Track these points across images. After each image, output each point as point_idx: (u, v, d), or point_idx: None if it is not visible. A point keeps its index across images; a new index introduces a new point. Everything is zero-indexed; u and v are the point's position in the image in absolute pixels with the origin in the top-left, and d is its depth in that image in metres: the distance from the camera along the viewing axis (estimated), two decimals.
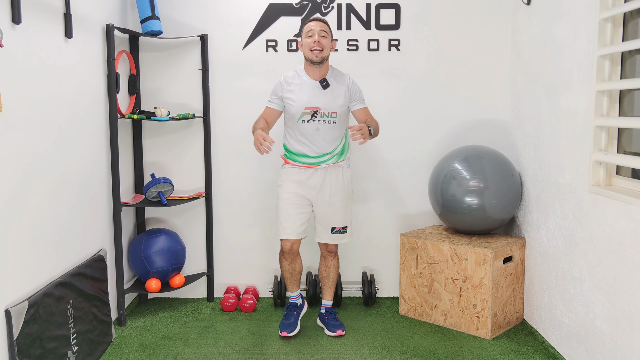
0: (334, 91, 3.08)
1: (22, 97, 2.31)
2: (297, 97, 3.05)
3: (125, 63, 3.53)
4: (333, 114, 3.06)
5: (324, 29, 3.01)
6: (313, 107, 3.04)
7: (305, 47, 3.02)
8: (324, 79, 3.07)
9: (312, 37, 2.98)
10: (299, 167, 3.13)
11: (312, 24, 3.03)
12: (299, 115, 3.05)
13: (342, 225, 3.19)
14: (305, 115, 3.05)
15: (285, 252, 3.18)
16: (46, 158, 2.53)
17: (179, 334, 3.22)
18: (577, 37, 2.71)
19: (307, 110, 3.04)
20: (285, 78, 3.12)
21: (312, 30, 3.00)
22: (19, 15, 2.23)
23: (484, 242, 3.25)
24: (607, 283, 2.43)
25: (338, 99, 3.08)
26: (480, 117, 3.71)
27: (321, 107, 3.05)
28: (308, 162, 3.11)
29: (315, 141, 3.08)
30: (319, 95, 3.06)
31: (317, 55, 2.99)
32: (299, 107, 3.04)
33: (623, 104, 2.52)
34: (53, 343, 2.42)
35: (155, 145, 3.72)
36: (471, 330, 3.22)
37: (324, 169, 3.11)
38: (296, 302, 3.32)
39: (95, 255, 2.98)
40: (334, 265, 3.29)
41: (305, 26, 3.05)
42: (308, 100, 3.04)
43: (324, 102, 3.06)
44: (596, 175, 2.57)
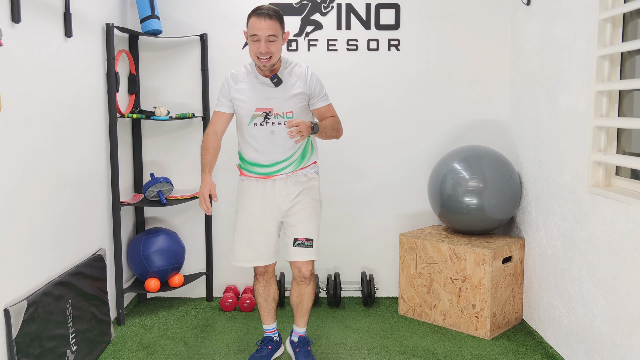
0: (288, 88, 2.63)
1: (22, 96, 2.31)
2: (246, 97, 2.63)
3: (125, 62, 3.52)
4: (288, 113, 2.62)
5: (272, 33, 2.49)
6: (264, 108, 2.62)
7: (250, 51, 2.55)
8: (274, 75, 2.60)
9: (258, 44, 2.50)
10: (256, 180, 2.71)
11: (258, 23, 2.48)
12: (250, 118, 2.63)
13: (305, 237, 2.69)
14: (257, 118, 2.63)
15: (259, 277, 2.82)
16: (45, 157, 2.52)
17: (178, 334, 3.22)
18: (576, 37, 2.71)
19: (258, 112, 2.62)
20: (233, 75, 2.69)
21: (257, 35, 2.49)
22: (18, 14, 2.23)
23: (483, 242, 3.25)
24: (606, 283, 2.43)
25: (293, 96, 2.63)
26: (480, 117, 3.71)
27: (274, 108, 2.62)
28: (264, 172, 2.69)
29: (272, 147, 2.65)
30: (271, 94, 2.62)
31: (264, 65, 2.53)
32: (249, 109, 2.63)
33: (622, 105, 2.52)
34: (52, 342, 2.42)
35: (154, 144, 3.72)
36: (470, 330, 3.22)
37: (283, 179, 2.68)
38: (271, 337, 2.93)
39: (95, 255, 2.98)
40: (308, 294, 2.79)
41: (250, 22, 2.52)
42: (258, 101, 2.62)
43: (277, 101, 2.62)
44: (595, 175, 2.57)
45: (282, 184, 2.69)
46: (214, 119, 2.73)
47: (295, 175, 2.70)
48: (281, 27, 2.55)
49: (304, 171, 2.72)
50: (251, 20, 2.51)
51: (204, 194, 2.58)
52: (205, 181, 2.60)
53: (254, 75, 2.65)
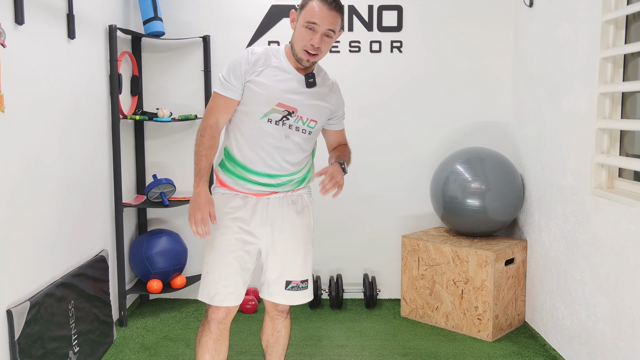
0: (320, 94, 2.16)
1: (25, 97, 2.32)
2: (270, 84, 2.06)
3: (128, 64, 3.53)
4: (312, 122, 2.13)
5: (332, 28, 2.03)
6: (289, 105, 2.08)
7: (298, 38, 2.05)
8: (311, 73, 2.12)
9: (313, 34, 2.02)
10: (242, 197, 2.13)
11: (322, 11, 2.00)
12: (267, 111, 2.07)
13: (301, 279, 2.21)
14: (275, 114, 2.07)
15: (213, 325, 2.12)
16: (48, 158, 2.53)
17: (180, 335, 3.22)
18: (579, 39, 2.71)
19: (280, 107, 2.07)
20: (255, 56, 2.09)
21: (316, 24, 2.01)
22: (22, 16, 2.23)
23: (486, 244, 3.24)
24: (609, 285, 2.43)
25: (322, 106, 2.16)
26: (482, 119, 3.71)
27: (299, 109, 2.10)
28: (257, 184, 2.12)
29: (280, 153, 2.11)
30: (300, 93, 2.11)
31: (308, 60, 2.07)
32: (270, 100, 2.06)
33: (625, 107, 2.52)
34: (54, 343, 2.42)
35: (157, 146, 3.73)
36: (472, 332, 3.21)
37: (278, 199, 2.16)
38: None
39: (97, 256, 2.98)
40: (285, 329, 2.32)
41: (309, 5, 2.03)
42: (284, 94, 2.07)
43: (305, 104, 2.11)
44: (598, 177, 2.56)
45: (276, 204, 2.16)
46: (218, 106, 2.09)
47: (293, 195, 2.20)
48: (341, 24, 2.10)
49: (301, 192, 2.23)
50: (314, 3, 2.01)
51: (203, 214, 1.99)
52: (201, 195, 2.00)
53: (283, 63, 2.11)
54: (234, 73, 2.08)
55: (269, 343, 2.34)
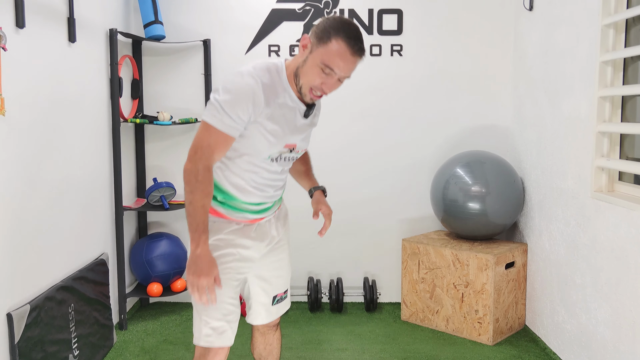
0: (312, 120, 1.97)
1: (26, 100, 2.32)
2: (280, 126, 1.82)
3: (128, 67, 3.54)
4: (302, 150, 1.99)
5: (349, 75, 1.79)
6: (291, 144, 1.91)
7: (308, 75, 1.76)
8: (313, 103, 1.90)
9: (328, 79, 1.76)
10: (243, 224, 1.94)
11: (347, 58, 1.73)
12: (270, 153, 1.87)
13: (284, 289, 2.12)
14: (277, 153, 1.89)
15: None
16: (49, 161, 2.53)
17: (180, 339, 3.22)
18: (579, 42, 2.71)
19: (286, 148, 1.90)
20: (266, 88, 1.77)
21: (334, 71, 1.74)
22: (22, 20, 2.24)
23: (486, 248, 3.24)
24: (610, 289, 2.43)
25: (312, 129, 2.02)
26: (483, 123, 3.71)
27: (297, 144, 1.93)
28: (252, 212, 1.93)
29: (275, 183, 1.96)
30: (300, 126, 1.90)
31: (312, 99, 1.83)
32: (278, 144, 1.85)
33: (625, 110, 2.52)
34: (54, 347, 2.42)
35: (157, 149, 3.73)
36: (473, 336, 3.21)
37: (267, 221, 2.00)
38: None
39: (97, 259, 2.98)
40: (277, 340, 2.20)
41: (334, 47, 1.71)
42: (290, 133, 1.87)
43: (302, 137, 1.94)
44: (598, 181, 2.56)
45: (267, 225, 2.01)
46: (217, 144, 1.76)
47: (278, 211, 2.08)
48: None
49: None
50: (338, 45, 1.72)
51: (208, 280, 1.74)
52: (203, 258, 1.74)
53: (290, 94, 1.84)
54: (241, 108, 1.73)
55: (261, 356, 2.21)
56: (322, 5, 3.62)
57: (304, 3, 3.62)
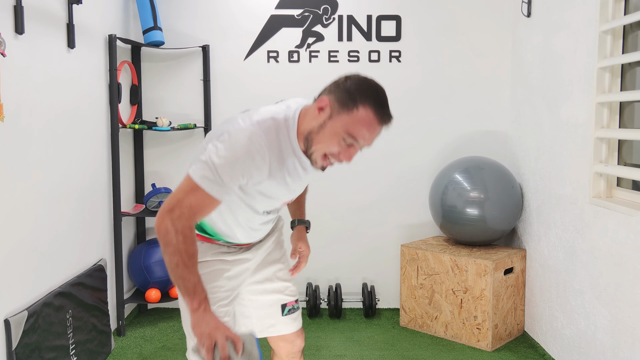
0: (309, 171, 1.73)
1: (25, 106, 2.32)
2: (279, 188, 1.67)
3: (127, 73, 3.54)
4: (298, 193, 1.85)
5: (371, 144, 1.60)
6: (289, 200, 1.83)
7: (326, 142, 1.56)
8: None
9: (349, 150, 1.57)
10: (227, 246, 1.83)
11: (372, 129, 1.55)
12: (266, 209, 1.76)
13: (295, 298, 1.96)
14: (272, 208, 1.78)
15: None
16: (47, 167, 2.53)
17: (179, 345, 3.21)
18: (577, 49, 2.72)
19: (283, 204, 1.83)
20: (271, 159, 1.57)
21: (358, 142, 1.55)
22: (22, 26, 2.24)
23: (485, 254, 3.24)
24: (608, 295, 2.42)
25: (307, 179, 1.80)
26: (481, 128, 3.71)
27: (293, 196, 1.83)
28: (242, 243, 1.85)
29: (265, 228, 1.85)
30: (299, 180, 1.72)
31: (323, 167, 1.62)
32: (277, 202, 1.76)
33: (623, 116, 2.53)
34: (52, 353, 2.41)
35: (156, 155, 3.73)
36: (472, 342, 3.20)
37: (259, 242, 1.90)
38: None
39: (95, 265, 2.97)
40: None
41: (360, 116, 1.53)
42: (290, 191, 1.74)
43: (299, 189, 1.80)
44: (597, 186, 2.57)
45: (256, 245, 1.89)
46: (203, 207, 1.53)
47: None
48: None
49: None
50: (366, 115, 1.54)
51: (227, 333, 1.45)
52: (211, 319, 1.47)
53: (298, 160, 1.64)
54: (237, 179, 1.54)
55: None
56: (320, 12, 3.64)
57: (303, 9, 3.63)
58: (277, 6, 3.64)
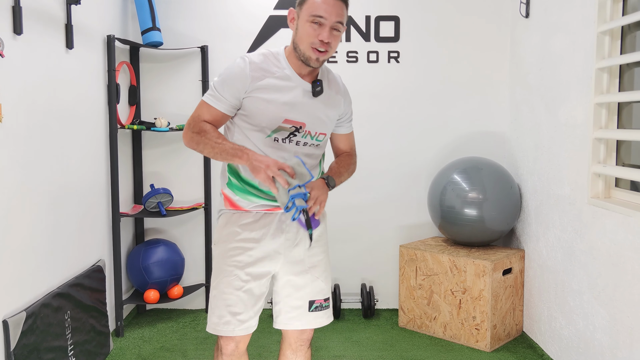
0: (328, 102, 1.96)
1: (23, 107, 2.32)
2: (273, 100, 1.86)
3: (126, 74, 3.54)
4: (320, 135, 1.96)
5: (341, 20, 1.83)
6: (295, 121, 1.89)
7: (303, 36, 1.83)
8: (318, 80, 1.93)
9: (321, 29, 1.81)
10: (254, 215, 1.93)
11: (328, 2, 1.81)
12: (272, 129, 1.88)
13: (324, 297, 2.02)
14: (281, 132, 1.89)
15: (227, 355, 1.93)
16: (45, 168, 2.53)
17: (177, 346, 3.21)
18: (575, 49, 2.73)
19: (287, 124, 1.88)
20: (254, 64, 1.87)
21: (323, 17, 1.80)
22: (20, 26, 2.24)
23: (483, 254, 3.24)
24: (607, 295, 2.43)
25: (331, 114, 1.98)
26: (480, 129, 3.72)
27: (307, 124, 1.91)
28: (272, 200, 1.92)
29: None
30: (307, 105, 1.90)
31: (318, 59, 1.85)
32: (276, 118, 1.87)
33: (621, 117, 2.53)
34: (50, 354, 2.41)
35: (154, 155, 3.73)
36: (470, 342, 3.20)
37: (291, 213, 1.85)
38: None
39: (94, 266, 2.97)
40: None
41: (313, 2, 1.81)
42: (290, 109, 1.88)
43: (313, 117, 1.92)
44: (595, 187, 2.57)
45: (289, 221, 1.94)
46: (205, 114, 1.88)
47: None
48: (346, 17, 1.89)
49: None
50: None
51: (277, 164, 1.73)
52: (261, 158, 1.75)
53: (288, 72, 1.90)
54: (228, 86, 1.85)
55: None
56: None
57: None
58: (276, 7, 3.64)
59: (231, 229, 1.93)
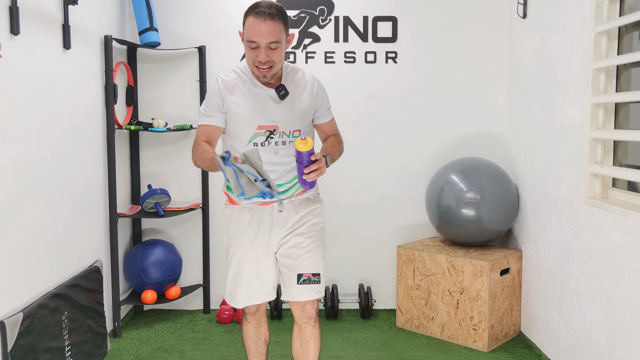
0: (295, 100, 2.19)
1: (20, 107, 2.31)
2: (244, 112, 2.14)
3: (123, 74, 3.54)
4: (295, 132, 2.19)
5: (275, 40, 2.04)
6: (268, 125, 2.15)
7: (247, 58, 2.11)
8: (281, 85, 2.16)
9: (257, 51, 2.05)
10: (249, 209, 2.26)
11: (257, 26, 2.01)
12: (250, 137, 2.15)
13: (312, 272, 2.27)
14: (259, 137, 2.15)
15: (249, 314, 2.39)
16: (43, 168, 2.52)
17: (175, 346, 3.20)
18: (572, 50, 2.73)
19: (261, 130, 2.15)
20: (225, 83, 2.17)
21: (255, 42, 2.03)
22: (17, 27, 2.24)
23: (481, 254, 3.25)
24: (604, 295, 2.43)
25: (301, 110, 2.20)
26: (477, 129, 3.72)
27: (280, 125, 2.16)
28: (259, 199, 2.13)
29: (274, 166, 2.19)
30: (276, 108, 2.16)
31: (265, 75, 2.10)
32: (249, 126, 2.14)
33: (618, 117, 2.54)
34: (47, 355, 2.40)
35: (152, 156, 3.72)
36: (468, 342, 3.21)
37: (284, 204, 2.26)
38: None
39: (91, 266, 2.97)
40: (314, 338, 2.32)
41: (247, 23, 2.04)
42: (260, 116, 2.14)
43: (283, 118, 2.16)
44: (592, 187, 2.57)
45: (283, 209, 2.26)
46: (201, 134, 2.17)
47: (297, 199, 2.28)
48: (285, 29, 2.09)
49: (306, 194, 2.30)
50: (249, 21, 2.03)
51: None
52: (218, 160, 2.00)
53: (251, 83, 2.17)
54: (211, 103, 2.17)
55: (298, 354, 2.36)
56: (317, 13, 3.64)
57: (299, 10, 3.64)
58: None
59: (234, 221, 2.28)
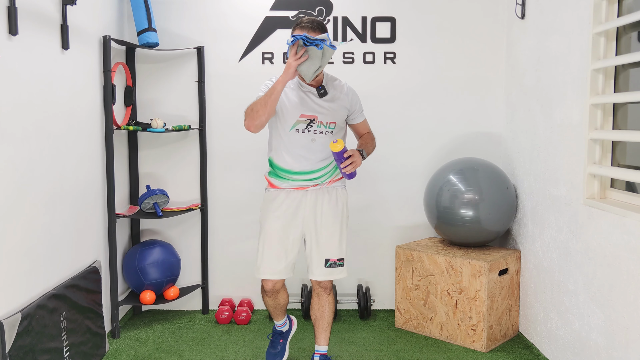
0: (334, 100, 2.68)
1: (18, 108, 2.31)
2: (291, 102, 2.63)
3: (122, 74, 3.53)
4: (331, 123, 2.67)
5: None
6: (309, 114, 2.63)
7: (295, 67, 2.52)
8: (321, 86, 2.63)
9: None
10: (287, 191, 2.69)
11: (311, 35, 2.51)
12: (293, 123, 2.63)
13: (337, 257, 2.74)
14: (300, 124, 2.63)
15: (267, 290, 2.79)
16: (41, 169, 2.52)
17: (173, 347, 3.20)
18: (571, 51, 2.74)
19: (303, 118, 2.62)
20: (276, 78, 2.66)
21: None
22: (15, 27, 2.23)
23: (480, 255, 3.25)
24: (602, 295, 2.43)
25: (338, 109, 2.69)
26: (476, 130, 3.73)
27: (319, 116, 2.64)
28: (298, 181, 2.67)
29: (311, 154, 2.65)
30: (316, 103, 2.65)
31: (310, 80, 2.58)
32: (294, 114, 2.62)
33: (617, 117, 2.54)
34: (46, 356, 2.40)
35: (150, 156, 3.72)
36: (467, 343, 3.21)
37: (315, 192, 2.69)
38: (282, 330, 3.02)
39: (90, 267, 2.96)
40: (329, 304, 2.81)
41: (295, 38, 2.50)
42: (303, 107, 2.63)
43: (322, 111, 2.65)
44: (591, 188, 2.58)
45: (313, 195, 2.69)
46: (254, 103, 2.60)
47: (328, 187, 2.71)
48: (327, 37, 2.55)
49: (335, 184, 2.74)
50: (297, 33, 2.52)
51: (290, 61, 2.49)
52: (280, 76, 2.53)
53: (298, 83, 2.67)
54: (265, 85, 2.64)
55: (316, 317, 2.83)
56: (315, 13, 3.64)
57: (298, 10, 3.64)
58: (272, 7, 3.64)
59: (270, 200, 2.70)
